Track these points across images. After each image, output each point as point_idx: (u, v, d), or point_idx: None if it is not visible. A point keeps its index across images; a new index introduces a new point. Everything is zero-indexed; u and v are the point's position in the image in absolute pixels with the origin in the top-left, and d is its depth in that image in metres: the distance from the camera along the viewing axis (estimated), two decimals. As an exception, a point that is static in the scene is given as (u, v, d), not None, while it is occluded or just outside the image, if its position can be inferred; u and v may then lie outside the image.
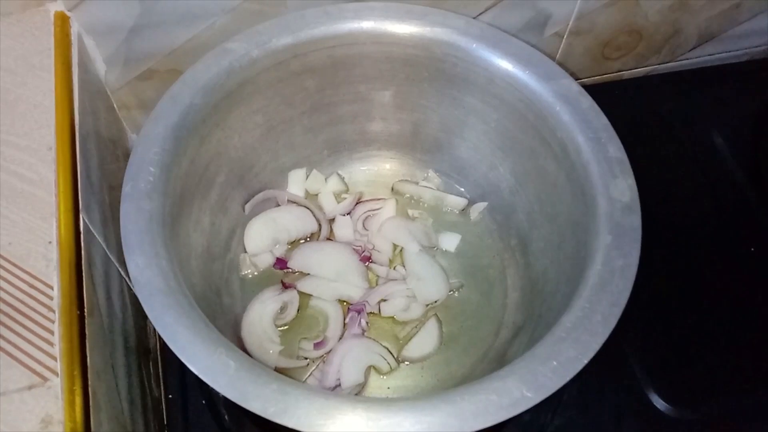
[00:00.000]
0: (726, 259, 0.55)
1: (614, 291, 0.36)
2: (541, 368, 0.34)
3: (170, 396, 0.47)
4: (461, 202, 0.56)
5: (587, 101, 0.44)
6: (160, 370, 0.51)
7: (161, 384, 0.50)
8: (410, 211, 0.57)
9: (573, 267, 0.41)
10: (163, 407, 0.48)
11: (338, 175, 0.58)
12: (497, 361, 0.47)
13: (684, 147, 0.61)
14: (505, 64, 0.46)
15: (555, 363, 0.34)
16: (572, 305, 0.36)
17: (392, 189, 0.58)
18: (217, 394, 0.46)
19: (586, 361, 0.34)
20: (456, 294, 0.53)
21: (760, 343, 0.51)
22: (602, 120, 0.43)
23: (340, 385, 0.47)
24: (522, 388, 0.33)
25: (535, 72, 0.45)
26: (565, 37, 0.62)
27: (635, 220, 0.39)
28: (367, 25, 0.47)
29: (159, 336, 0.35)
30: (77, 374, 0.36)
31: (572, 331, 0.35)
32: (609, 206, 0.40)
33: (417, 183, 0.58)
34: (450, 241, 0.55)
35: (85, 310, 0.39)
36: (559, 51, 0.63)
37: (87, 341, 0.38)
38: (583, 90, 0.45)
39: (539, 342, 0.35)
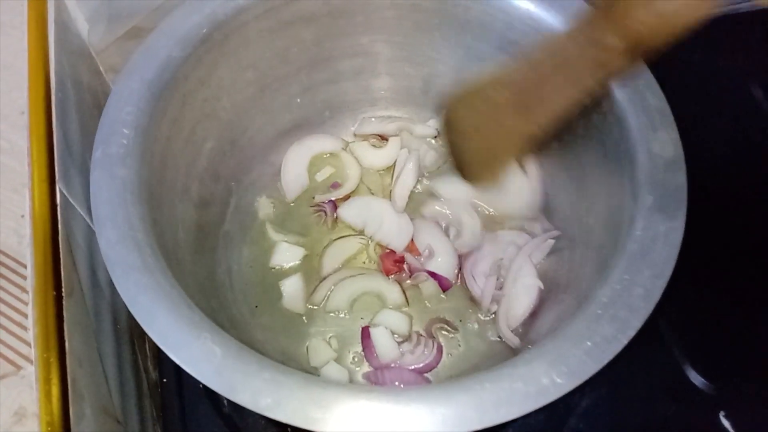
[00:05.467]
0: (770, 225, 0.50)
1: (657, 260, 0.32)
2: (574, 350, 0.30)
3: (165, 380, 0.45)
4: None
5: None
6: (158, 351, 0.48)
7: (158, 367, 0.48)
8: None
9: (605, 234, 0.37)
10: (160, 391, 0.46)
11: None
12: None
13: (720, 101, 0.56)
14: (525, 4, 0.42)
15: (589, 344, 0.30)
16: (608, 277, 0.32)
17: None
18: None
19: (626, 341, 0.30)
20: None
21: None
22: (640, 64, 0.38)
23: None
24: (551, 374, 0.29)
25: (560, 12, 0.41)
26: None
27: (680, 178, 0.35)
28: (368, -36, 0.44)
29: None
30: (54, 361, 0.35)
31: (609, 306, 0.31)
32: (649, 163, 0.35)
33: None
34: None
35: (63, 290, 0.37)
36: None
37: (65, 324, 0.36)
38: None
39: (570, 320, 0.31)
